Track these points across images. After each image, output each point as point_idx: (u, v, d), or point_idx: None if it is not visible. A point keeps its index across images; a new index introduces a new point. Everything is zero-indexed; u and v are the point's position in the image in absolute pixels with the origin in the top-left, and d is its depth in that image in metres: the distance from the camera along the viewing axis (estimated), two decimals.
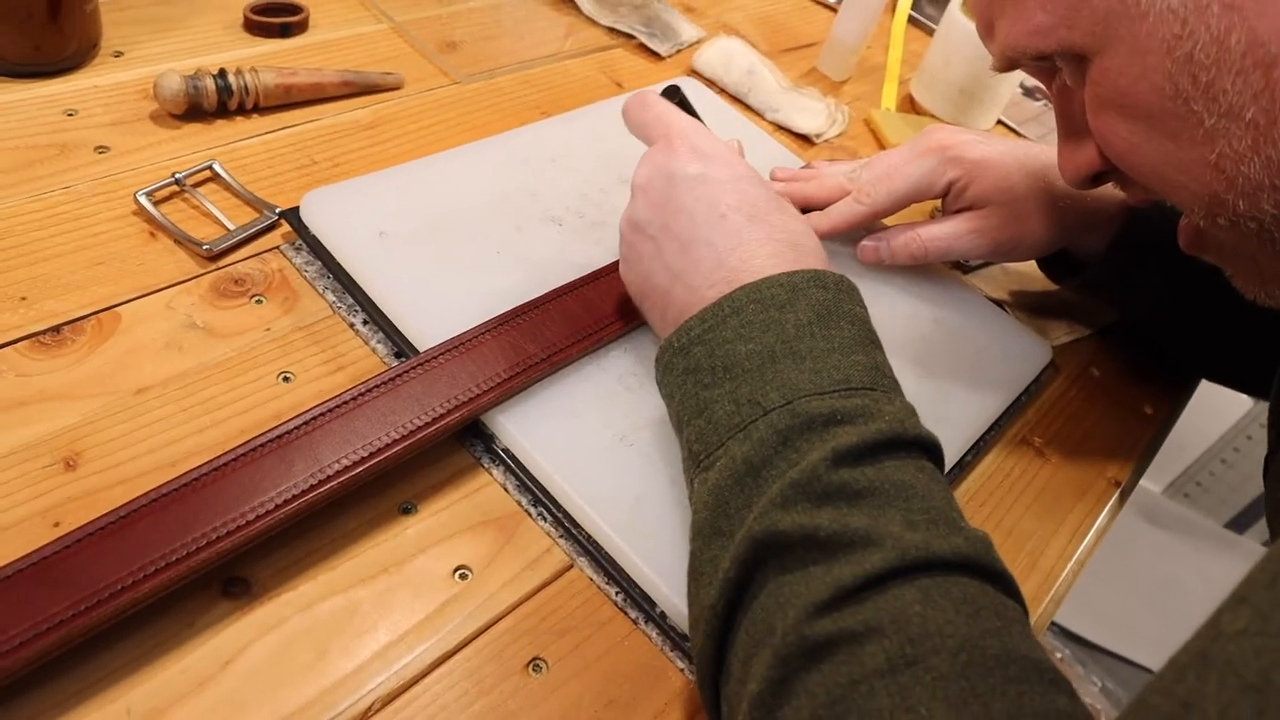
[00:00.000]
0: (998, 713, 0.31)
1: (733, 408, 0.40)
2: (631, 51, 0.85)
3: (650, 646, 0.43)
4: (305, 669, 0.39)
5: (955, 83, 0.88)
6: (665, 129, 0.50)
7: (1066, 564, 0.55)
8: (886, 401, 0.40)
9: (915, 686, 0.32)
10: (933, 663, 0.32)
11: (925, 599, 0.34)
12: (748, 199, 0.46)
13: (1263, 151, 0.37)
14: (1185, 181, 0.40)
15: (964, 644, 0.33)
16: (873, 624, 0.33)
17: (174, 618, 0.39)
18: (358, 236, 0.54)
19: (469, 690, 0.40)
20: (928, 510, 0.37)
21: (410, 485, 0.46)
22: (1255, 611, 0.26)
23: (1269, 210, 0.38)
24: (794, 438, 0.38)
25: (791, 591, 0.35)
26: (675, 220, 0.46)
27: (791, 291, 0.43)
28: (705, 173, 0.47)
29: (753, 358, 0.41)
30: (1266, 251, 0.41)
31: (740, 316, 0.42)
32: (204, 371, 0.47)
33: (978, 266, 0.73)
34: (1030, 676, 0.32)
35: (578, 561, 0.45)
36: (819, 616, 0.34)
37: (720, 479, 0.39)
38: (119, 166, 0.56)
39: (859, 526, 0.36)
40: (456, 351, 0.48)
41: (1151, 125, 0.39)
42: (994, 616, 0.34)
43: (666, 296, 0.46)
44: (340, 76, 0.66)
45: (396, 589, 0.42)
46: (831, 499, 0.37)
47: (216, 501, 0.39)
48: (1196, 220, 0.42)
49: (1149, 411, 0.68)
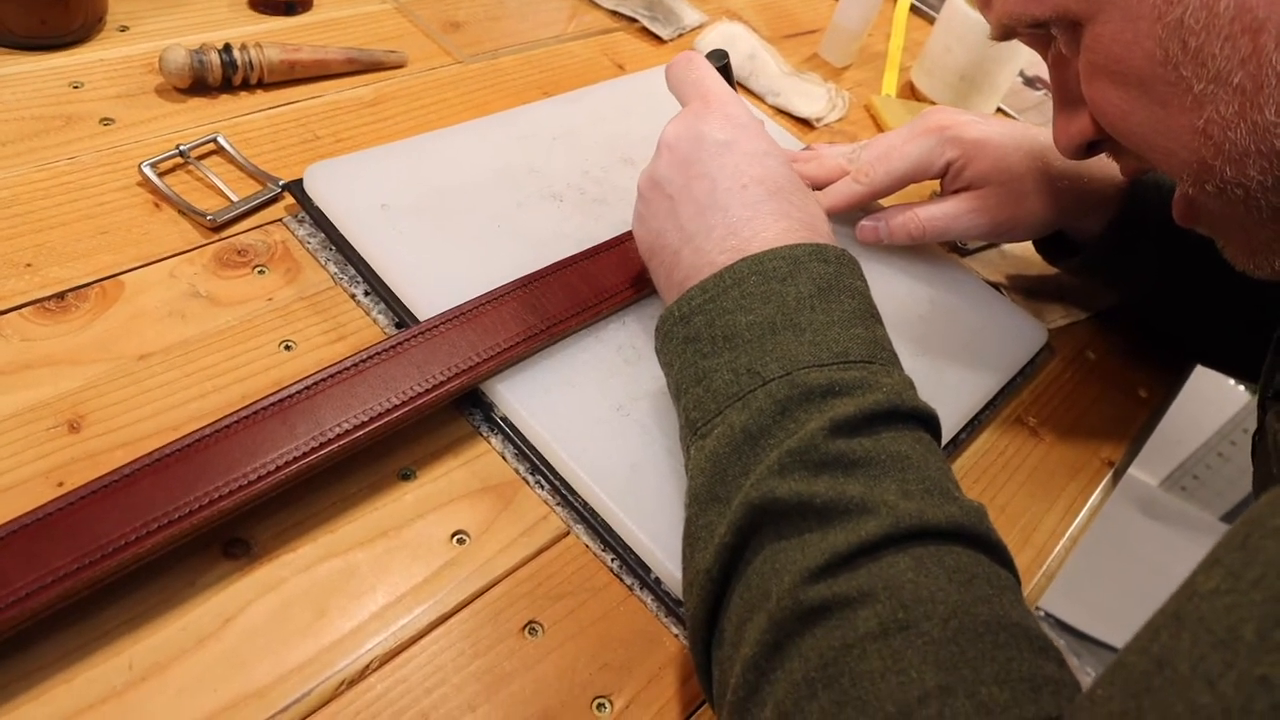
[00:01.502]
0: (987, 676, 0.31)
1: (731, 377, 0.41)
2: (634, 35, 0.85)
3: (645, 612, 0.44)
4: (304, 628, 0.39)
5: (956, 70, 0.88)
6: (703, 92, 0.50)
7: (1059, 541, 0.56)
8: (885, 374, 0.41)
9: (907, 650, 0.32)
10: (924, 628, 0.33)
11: (918, 566, 0.34)
12: (771, 174, 0.47)
13: (1249, 117, 0.37)
14: (1175, 148, 0.40)
15: (955, 610, 0.33)
16: (866, 590, 0.34)
17: (176, 576, 0.39)
18: (360, 209, 0.54)
19: (465, 651, 0.40)
20: (923, 480, 0.37)
21: (410, 452, 0.46)
22: (1227, 571, 0.26)
23: (1255, 177, 0.38)
24: (792, 408, 0.39)
25: (787, 558, 0.36)
26: (697, 183, 0.47)
27: (793, 264, 0.43)
28: (734, 141, 0.47)
29: (753, 328, 0.41)
30: (1253, 220, 0.41)
31: (741, 288, 0.43)
32: (206, 339, 0.48)
33: (975, 250, 0.73)
34: (1020, 643, 0.33)
35: (574, 528, 0.46)
36: (814, 582, 0.34)
37: (718, 446, 0.40)
38: (124, 139, 0.56)
39: (855, 495, 0.36)
40: (457, 321, 0.48)
41: (1143, 91, 0.40)
42: (986, 585, 0.35)
43: (676, 256, 0.47)
44: (344, 54, 0.67)
45: (395, 552, 0.43)
46: (828, 468, 0.37)
47: (219, 462, 0.40)
48: (1186, 188, 0.42)
49: (1144, 394, 0.69)
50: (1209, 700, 0.24)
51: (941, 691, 0.31)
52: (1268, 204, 0.40)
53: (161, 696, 0.36)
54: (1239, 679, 0.24)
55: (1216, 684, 0.24)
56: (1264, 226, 0.41)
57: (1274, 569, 0.25)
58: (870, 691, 0.32)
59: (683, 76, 0.52)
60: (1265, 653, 0.24)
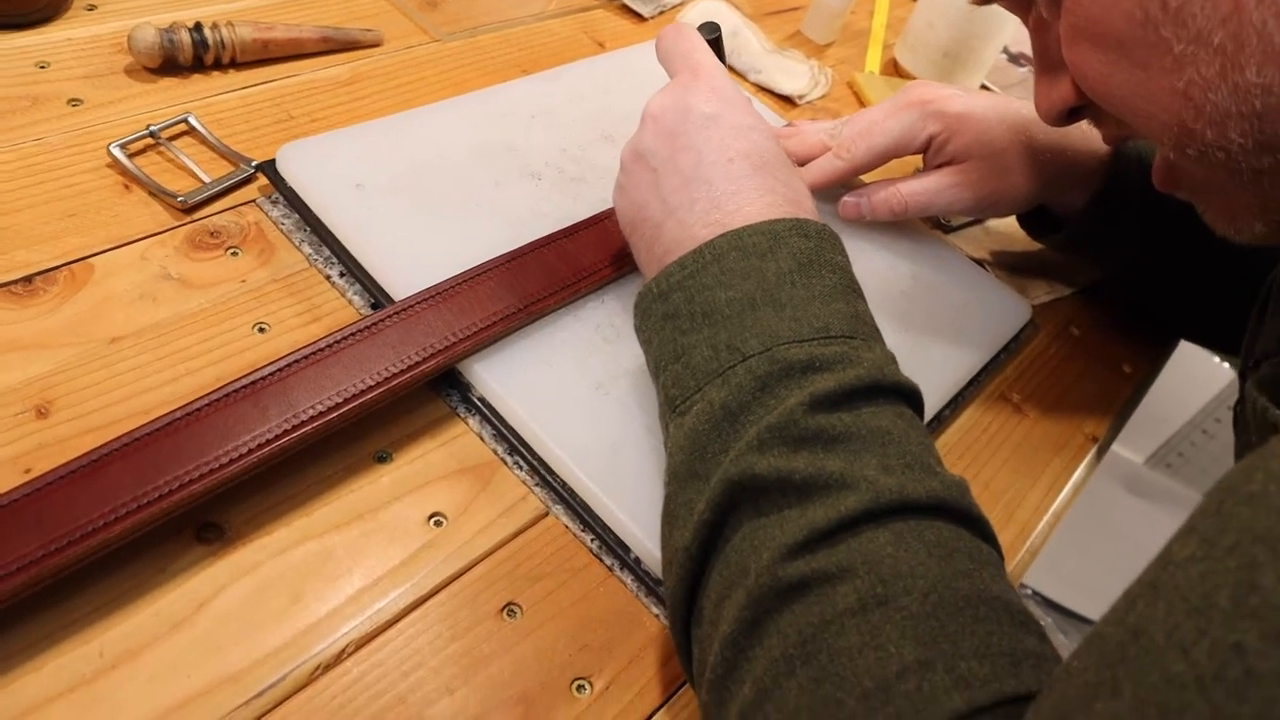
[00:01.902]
0: (966, 650, 0.31)
1: (711, 353, 0.40)
2: (614, 12, 0.84)
3: (625, 592, 0.44)
4: (279, 613, 0.39)
5: (939, 46, 0.88)
6: (692, 64, 0.49)
7: (1042, 517, 0.56)
8: (866, 349, 0.40)
9: (885, 625, 0.32)
10: (903, 602, 0.32)
11: (898, 541, 0.34)
12: (757, 149, 0.46)
13: (1230, 78, 0.37)
14: (1155, 111, 0.40)
15: (935, 584, 0.33)
16: (845, 565, 0.33)
17: (148, 561, 0.39)
18: (334, 189, 0.53)
19: (443, 634, 0.40)
20: (904, 455, 0.37)
21: (386, 434, 0.46)
22: (1201, 539, 0.26)
23: (1235, 139, 0.38)
24: (772, 384, 0.38)
25: (766, 534, 0.35)
26: (682, 155, 0.46)
27: (773, 239, 0.42)
28: (720, 115, 0.47)
29: (732, 305, 0.41)
30: (1234, 184, 0.41)
31: (721, 264, 0.42)
32: (178, 322, 0.47)
33: (959, 226, 0.73)
34: (1000, 617, 0.33)
35: (553, 509, 0.45)
36: (792, 558, 0.34)
37: (697, 423, 0.39)
38: (93, 119, 0.55)
39: (834, 470, 0.36)
40: (433, 300, 0.48)
41: (1123, 54, 0.39)
42: (966, 559, 0.34)
43: (658, 230, 0.46)
44: (319, 32, 0.66)
45: (371, 535, 0.42)
46: (807, 443, 0.37)
47: (190, 445, 0.39)
48: (1167, 152, 0.42)
49: (1128, 370, 0.69)
50: (1183, 668, 0.24)
51: (920, 666, 0.31)
52: (1248, 167, 0.39)
53: (133, 683, 0.35)
54: (1212, 646, 0.23)
55: (1190, 652, 0.24)
56: (1245, 190, 0.41)
57: (1248, 535, 0.25)
58: (848, 667, 0.31)
59: (672, 48, 0.51)
60: (1239, 619, 0.23)
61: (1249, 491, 0.26)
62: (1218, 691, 0.23)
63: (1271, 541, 0.24)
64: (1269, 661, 0.22)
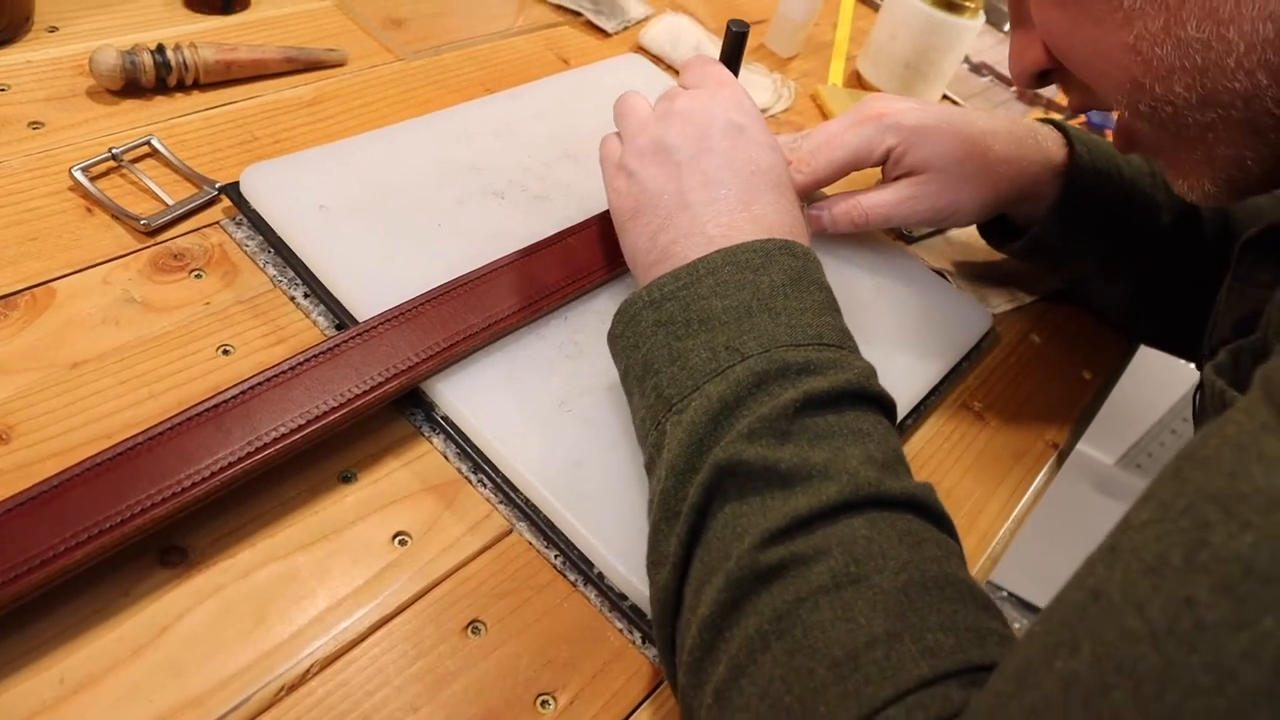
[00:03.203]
0: (933, 624, 0.33)
1: (710, 354, 0.42)
2: (579, 28, 0.85)
3: (589, 608, 0.44)
4: (243, 635, 0.39)
5: (901, 58, 0.89)
6: (720, 79, 0.52)
7: (1003, 524, 0.56)
8: (855, 359, 0.43)
9: (857, 600, 0.33)
10: (875, 580, 0.34)
11: (872, 527, 0.36)
12: (774, 167, 0.49)
13: (1173, 33, 0.39)
14: (1110, 69, 0.43)
15: (905, 565, 0.35)
16: (821, 547, 0.35)
17: (111, 586, 0.39)
18: (298, 210, 0.53)
19: (407, 652, 0.40)
20: (883, 454, 0.39)
21: (350, 454, 0.46)
22: (1158, 503, 0.27)
23: (1180, 94, 0.41)
24: (769, 381, 0.40)
25: (749, 520, 0.37)
26: (706, 157, 0.48)
27: (765, 256, 0.44)
28: (748, 128, 0.50)
29: (729, 312, 0.42)
30: (1183, 141, 0.43)
31: (716, 276, 0.44)
32: (142, 345, 0.47)
33: (921, 237, 0.74)
34: (965, 599, 0.34)
35: (517, 526, 0.46)
36: (773, 543, 0.36)
37: (695, 418, 0.40)
38: (54, 142, 0.55)
39: (818, 462, 0.37)
40: (396, 321, 0.48)
41: (1080, 9, 0.43)
42: (935, 548, 0.36)
43: (667, 219, 0.47)
44: (282, 53, 0.66)
45: (336, 555, 0.42)
46: (794, 437, 0.38)
47: (151, 469, 0.39)
48: (1123, 112, 0.45)
49: (1088, 376, 0.70)
50: (1138, 624, 0.25)
51: (889, 637, 0.32)
52: (1194, 122, 0.42)
53: (95, 709, 0.36)
54: (1166, 602, 0.25)
55: (1145, 608, 0.25)
56: (1193, 148, 0.43)
57: (1202, 495, 0.26)
58: (820, 639, 0.33)
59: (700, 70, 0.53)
60: (1190, 574, 0.25)
61: (1203, 456, 0.27)
62: (1169, 644, 0.24)
63: (1222, 500, 0.25)
64: (1216, 612, 0.23)
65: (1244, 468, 0.26)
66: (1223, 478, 0.26)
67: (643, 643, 0.44)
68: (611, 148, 0.53)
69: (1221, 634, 0.23)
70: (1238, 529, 0.24)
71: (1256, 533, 0.24)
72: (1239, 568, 0.24)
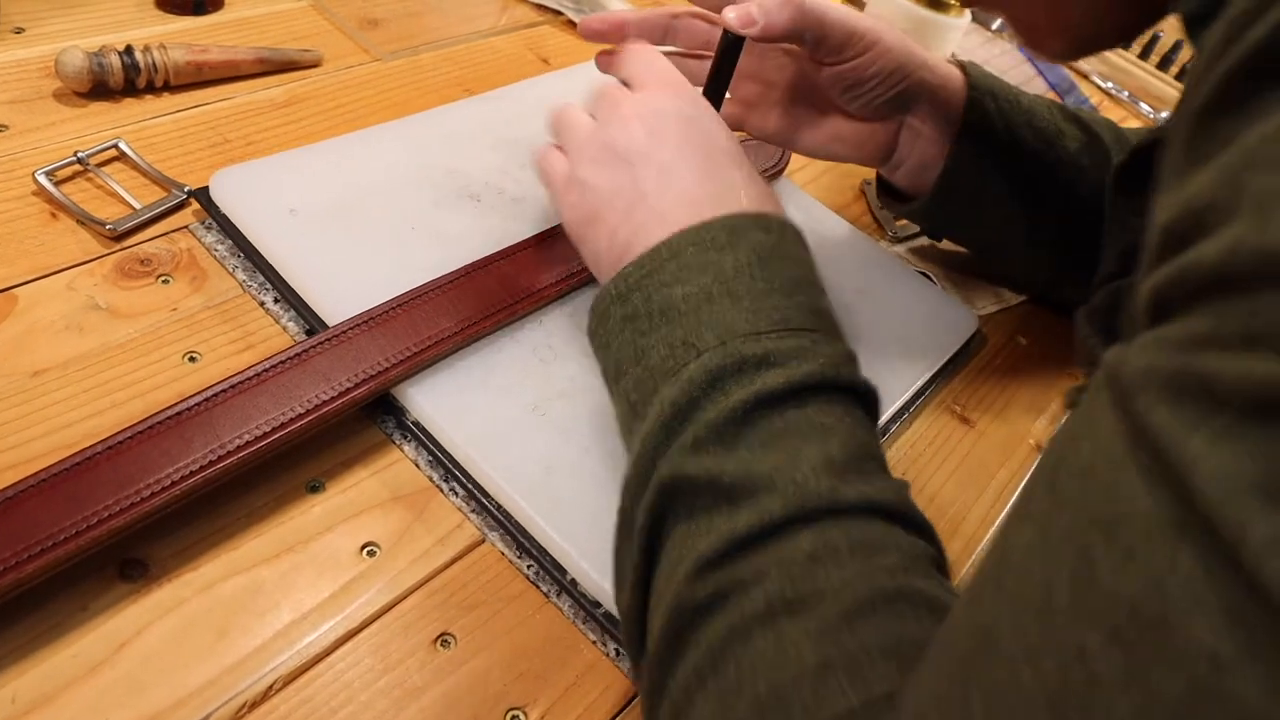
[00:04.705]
0: (873, 648, 0.30)
1: (667, 352, 0.39)
2: (559, 28, 0.84)
3: (562, 619, 0.43)
4: (205, 650, 0.38)
5: None
6: (662, 76, 0.49)
7: (989, 528, 0.55)
8: (826, 344, 0.40)
9: (791, 629, 0.31)
10: (812, 605, 0.32)
11: (818, 541, 0.33)
12: (733, 150, 0.47)
13: None
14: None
15: (850, 581, 0.32)
16: (760, 570, 0.33)
17: (67, 601, 0.38)
18: (268, 214, 0.52)
19: (374, 666, 0.39)
20: (845, 453, 0.36)
21: (319, 463, 0.45)
22: (1037, 526, 0.26)
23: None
24: (724, 379, 0.37)
25: (691, 544, 0.34)
26: (660, 150, 0.45)
27: (731, 234, 0.42)
28: (698, 118, 0.47)
29: (689, 300, 0.40)
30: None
31: (679, 260, 0.41)
32: (106, 353, 0.46)
33: (908, 238, 0.73)
34: (920, 610, 0.32)
35: (489, 536, 0.45)
36: (708, 571, 0.33)
37: (650, 427, 0.38)
38: (18, 146, 0.54)
39: (763, 472, 0.35)
40: (366, 326, 0.47)
41: None
42: (894, 555, 0.34)
43: (626, 215, 0.45)
44: (255, 54, 0.65)
45: (301, 567, 0.41)
46: (744, 441, 0.36)
47: (110, 480, 0.38)
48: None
49: (1074, 378, 0.69)
50: (1031, 681, 0.23)
51: (819, 669, 0.30)
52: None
53: None
54: (1058, 652, 0.23)
55: (1038, 660, 0.23)
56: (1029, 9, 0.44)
57: (1081, 518, 0.24)
58: (748, 676, 0.31)
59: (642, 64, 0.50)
60: (1080, 619, 0.23)
61: (1080, 466, 0.25)
62: (1066, 706, 0.22)
63: (1103, 524, 0.23)
64: (1107, 664, 0.22)
65: (1124, 482, 0.23)
66: (1101, 494, 0.24)
67: (616, 655, 0.42)
68: (553, 162, 0.50)
69: (1116, 691, 0.21)
70: (1121, 560, 0.22)
71: (1141, 566, 0.22)
72: (1125, 610, 0.22)
